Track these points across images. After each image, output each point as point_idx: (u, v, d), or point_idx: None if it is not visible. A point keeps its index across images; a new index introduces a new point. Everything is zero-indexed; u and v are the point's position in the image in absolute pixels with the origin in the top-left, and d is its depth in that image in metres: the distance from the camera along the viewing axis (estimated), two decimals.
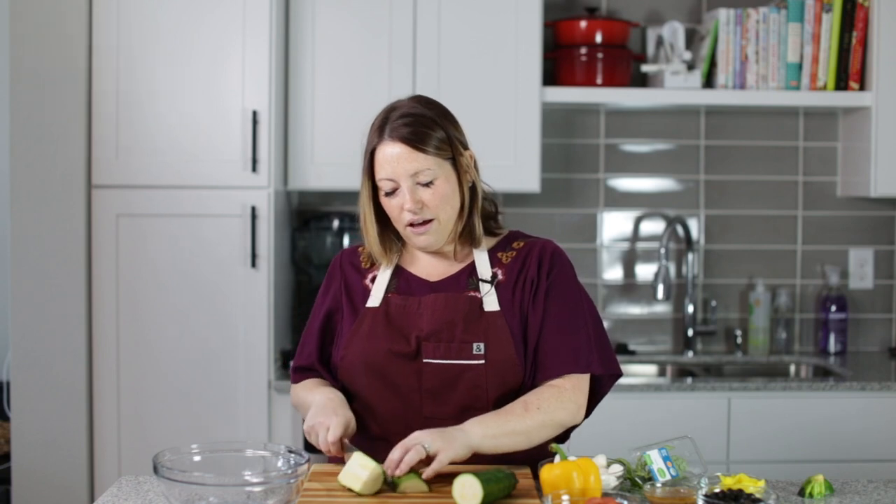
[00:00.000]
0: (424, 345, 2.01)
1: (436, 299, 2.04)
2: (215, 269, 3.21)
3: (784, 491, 1.99)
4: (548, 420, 1.96)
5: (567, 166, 3.79)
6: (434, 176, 1.99)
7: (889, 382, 3.26)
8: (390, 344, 2.02)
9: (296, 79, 3.42)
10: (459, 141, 2.05)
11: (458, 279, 2.07)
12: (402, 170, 1.98)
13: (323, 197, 3.74)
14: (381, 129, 2.01)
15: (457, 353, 1.99)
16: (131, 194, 3.21)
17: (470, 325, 2.01)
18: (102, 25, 3.18)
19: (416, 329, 2.02)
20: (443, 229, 2.03)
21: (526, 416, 1.94)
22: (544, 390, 1.99)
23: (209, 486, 1.72)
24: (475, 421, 1.92)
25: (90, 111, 3.20)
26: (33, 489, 3.21)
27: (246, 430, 3.20)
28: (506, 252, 2.09)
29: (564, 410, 1.98)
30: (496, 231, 2.13)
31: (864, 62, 3.57)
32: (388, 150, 1.99)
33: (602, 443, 2.62)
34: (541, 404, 1.96)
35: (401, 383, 2.01)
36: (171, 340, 3.21)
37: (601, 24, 3.55)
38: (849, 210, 3.85)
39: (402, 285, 2.08)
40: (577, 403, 2.00)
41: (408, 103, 2.05)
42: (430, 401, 2.00)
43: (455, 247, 2.09)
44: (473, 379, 1.99)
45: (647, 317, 3.84)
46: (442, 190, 2.00)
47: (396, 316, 2.04)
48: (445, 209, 2.01)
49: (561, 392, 1.99)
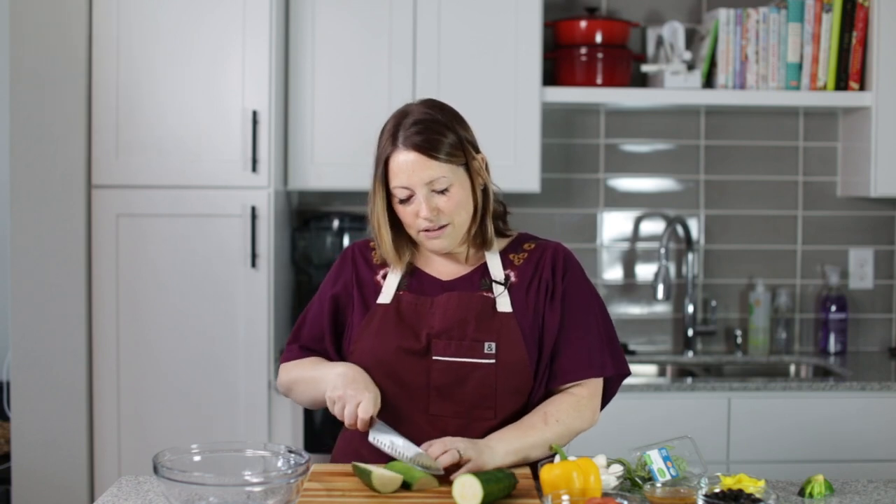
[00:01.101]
0: (435, 342, 2.01)
1: (449, 298, 2.04)
2: (215, 269, 3.21)
3: (784, 491, 1.99)
4: (565, 431, 2.01)
5: (567, 166, 3.79)
6: (449, 183, 1.99)
7: (889, 382, 3.26)
8: (400, 341, 2.02)
9: (296, 79, 3.42)
10: (471, 144, 2.05)
11: (471, 279, 2.07)
12: (418, 178, 1.97)
13: (323, 197, 3.74)
14: (394, 137, 2.00)
15: (468, 351, 2.00)
16: (131, 194, 3.21)
17: (482, 324, 2.01)
18: (102, 25, 3.18)
19: (428, 327, 2.02)
20: (457, 233, 2.04)
21: (546, 430, 1.98)
22: (563, 400, 2.02)
23: (209, 486, 1.72)
24: (498, 437, 1.95)
25: (90, 111, 3.20)
26: (33, 489, 3.21)
27: (246, 430, 3.20)
28: (517, 254, 2.10)
29: (581, 419, 2.03)
30: (506, 232, 2.14)
31: (864, 62, 3.57)
32: (402, 158, 1.98)
33: (602, 443, 2.62)
34: (560, 416, 2.00)
35: (409, 380, 2.01)
36: (171, 340, 3.21)
37: (601, 24, 3.55)
38: (849, 210, 3.85)
39: (414, 284, 2.08)
40: (593, 410, 2.05)
41: (419, 108, 2.03)
42: (438, 398, 2.01)
43: (467, 249, 2.10)
44: (482, 378, 2.00)
45: (647, 317, 3.84)
46: (457, 196, 2.00)
47: (408, 313, 2.05)
48: (460, 214, 2.02)
49: (579, 401, 2.03)
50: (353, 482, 1.89)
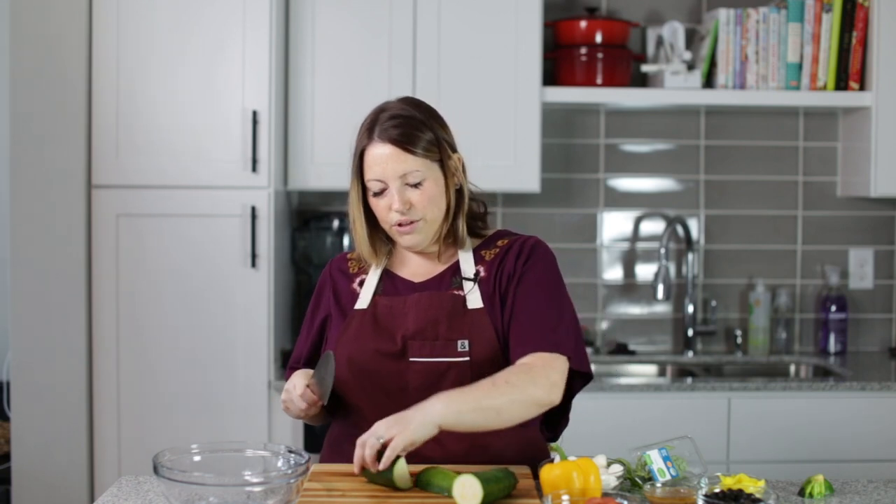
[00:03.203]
0: (410, 343, 2.02)
1: (420, 298, 2.05)
2: (215, 269, 3.21)
3: (784, 491, 1.99)
4: (519, 396, 1.89)
5: (567, 166, 3.79)
6: (422, 177, 2.00)
7: (889, 382, 3.26)
8: (377, 344, 2.04)
9: (296, 79, 3.42)
10: (448, 143, 2.06)
11: (442, 278, 2.08)
12: (391, 171, 1.99)
13: (323, 197, 3.74)
14: (370, 130, 2.02)
15: (442, 350, 2.00)
16: (131, 194, 3.21)
17: (454, 322, 2.02)
18: (102, 26, 3.18)
19: (402, 328, 2.03)
20: (429, 229, 2.04)
21: (494, 391, 1.88)
22: (513, 368, 1.96)
23: (209, 486, 1.72)
24: (438, 396, 1.86)
25: (90, 111, 3.20)
26: (33, 489, 3.21)
27: (246, 431, 3.20)
28: (489, 250, 2.10)
29: (536, 386, 1.91)
30: (482, 232, 2.14)
31: (864, 62, 3.57)
32: (377, 150, 2.00)
33: (602, 443, 2.62)
34: (509, 379, 1.90)
35: (388, 383, 2.02)
36: (171, 340, 3.21)
37: (601, 24, 3.55)
38: (849, 210, 3.85)
39: (388, 287, 2.10)
40: (550, 380, 1.93)
41: (397, 105, 2.06)
42: (417, 399, 1.99)
43: (439, 247, 2.10)
44: (458, 376, 2.00)
45: (647, 317, 3.84)
46: (430, 191, 2.01)
47: (383, 316, 2.06)
48: (433, 210, 2.03)
49: (531, 369, 1.94)
50: (353, 482, 1.89)
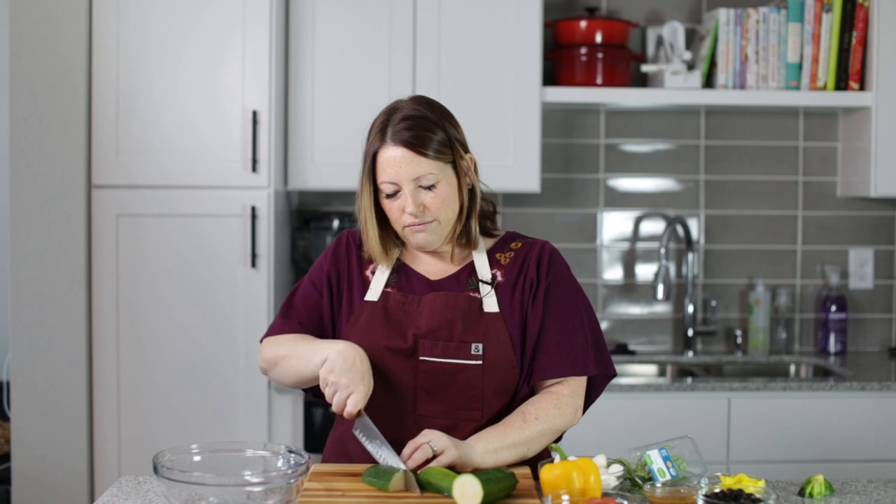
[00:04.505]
0: (422, 343, 2.01)
1: (436, 298, 2.04)
2: (215, 269, 3.21)
3: (784, 491, 1.99)
4: (546, 429, 1.99)
5: (567, 166, 3.79)
6: (436, 180, 1.99)
7: (889, 382, 3.26)
8: (387, 340, 2.02)
9: (296, 79, 3.42)
10: (460, 143, 2.04)
11: (458, 279, 2.07)
12: (405, 174, 1.97)
13: (323, 197, 3.74)
14: (382, 132, 2.00)
15: (455, 352, 2.00)
16: (131, 194, 3.21)
17: (469, 324, 2.01)
18: (102, 25, 3.18)
19: (415, 326, 2.02)
20: (442, 230, 2.03)
21: (525, 428, 1.97)
22: (542, 399, 2.01)
23: (209, 486, 1.72)
24: (476, 437, 1.95)
25: (90, 111, 3.20)
26: (33, 489, 3.21)
27: (246, 431, 3.20)
28: (504, 253, 2.09)
29: (562, 417, 2.00)
30: (492, 232, 2.13)
31: (864, 62, 3.57)
32: (389, 153, 1.98)
33: (602, 443, 2.62)
34: (539, 414, 1.98)
35: (396, 380, 2.01)
36: (171, 340, 3.21)
37: (601, 24, 3.55)
38: (849, 210, 3.85)
39: (402, 281, 2.08)
40: (574, 408, 2.03)
41: (409, 105, 2.04)
42: (425, 399, 2.00)
43: (452, 248, 2.09)
44: (469, 379, 1.99)
45: (647, 317, 3.84)
46: (443, 193, 2.00)
47: (395, 312, 2.04)
48: (446, 212, 2.01)
49: (559, 399, 2.01)
50: (354, 482, 1.89)
